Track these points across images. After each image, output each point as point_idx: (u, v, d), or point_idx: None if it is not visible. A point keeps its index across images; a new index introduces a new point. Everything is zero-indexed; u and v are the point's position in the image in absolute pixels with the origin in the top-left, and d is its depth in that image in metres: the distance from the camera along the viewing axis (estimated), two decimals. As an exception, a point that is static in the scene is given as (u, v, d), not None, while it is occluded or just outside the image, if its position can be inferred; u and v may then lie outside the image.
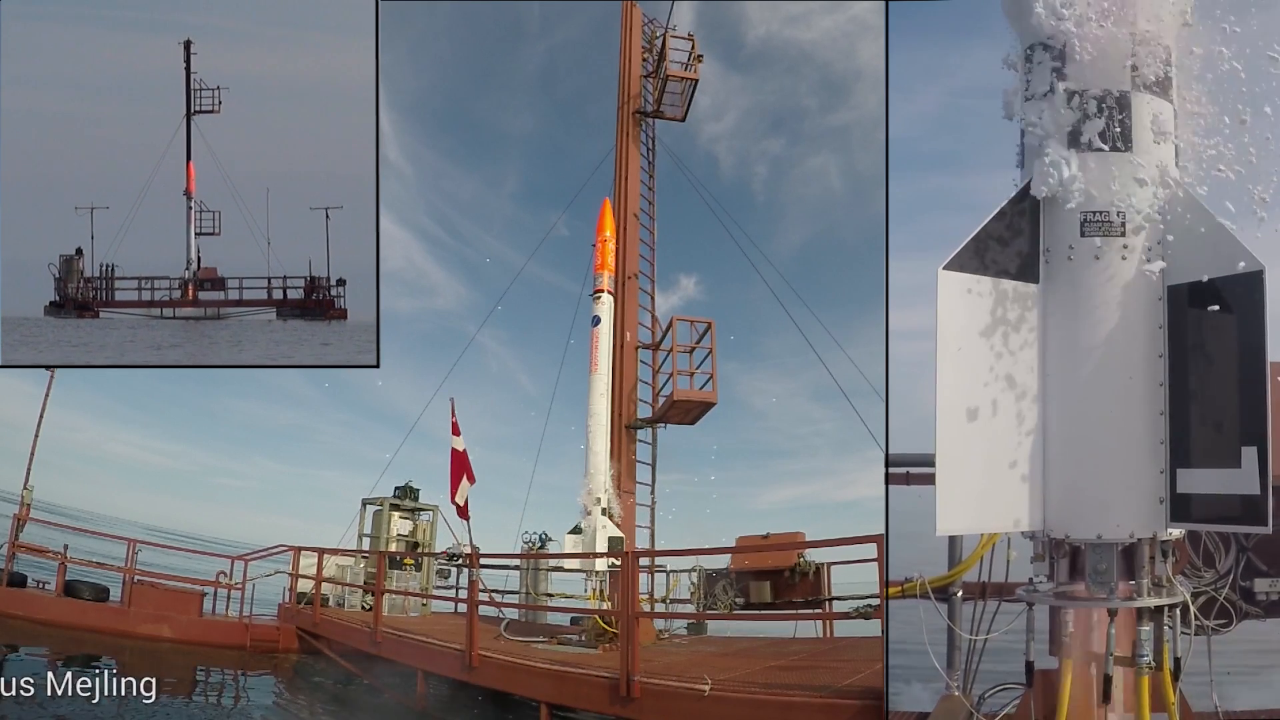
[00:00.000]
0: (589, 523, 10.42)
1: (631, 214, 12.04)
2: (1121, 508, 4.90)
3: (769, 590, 11.24)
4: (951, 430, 4.81)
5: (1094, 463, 4.93)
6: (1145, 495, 4.89)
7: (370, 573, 12.78)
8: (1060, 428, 5.00)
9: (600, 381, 10.86)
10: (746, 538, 11.13)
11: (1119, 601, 4.98)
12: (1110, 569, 4.92)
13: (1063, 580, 5.14)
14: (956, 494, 4.81)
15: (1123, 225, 4.97)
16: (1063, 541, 5.04)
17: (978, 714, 6.15)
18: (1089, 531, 4.94)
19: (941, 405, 4.79)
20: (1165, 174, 4.99)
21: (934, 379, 4.81)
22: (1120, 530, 4.90)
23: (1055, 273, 5.07)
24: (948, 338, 4.82)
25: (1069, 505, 4.99)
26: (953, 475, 4.80)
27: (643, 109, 12.58)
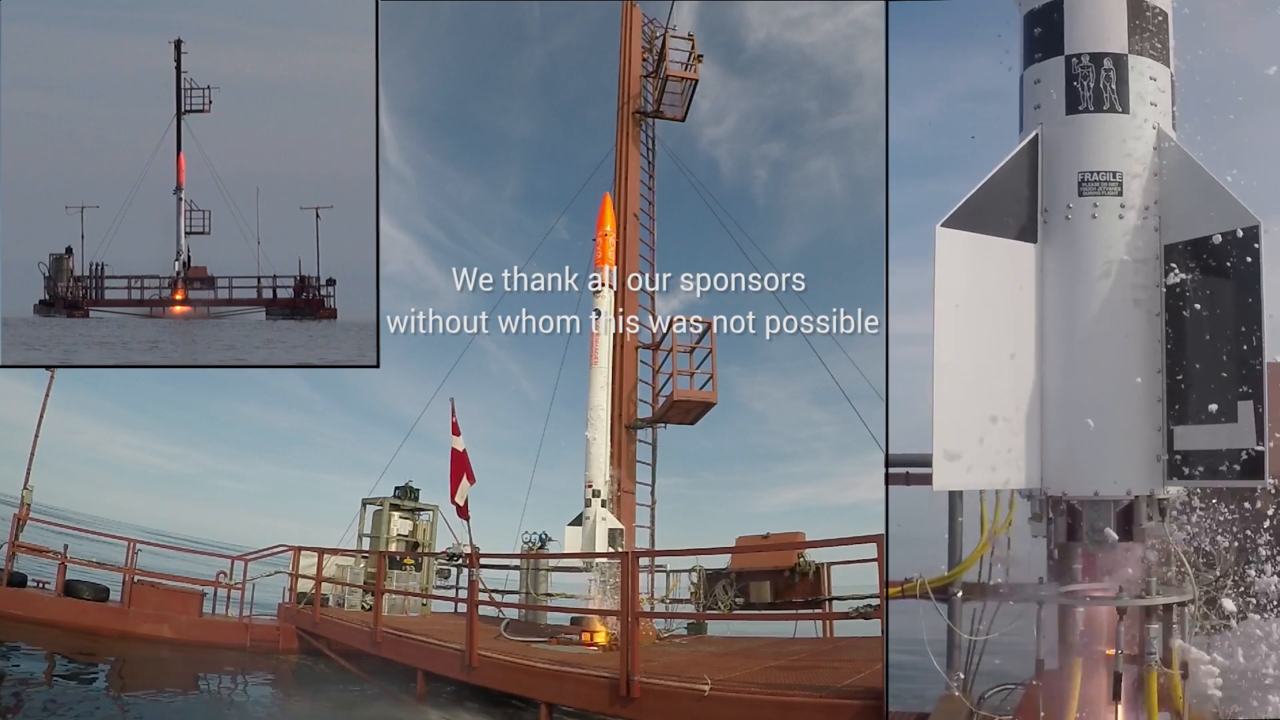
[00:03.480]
0: (589, 514, 10.44)
1: (631, 214, 12.05)
2: (1119, 465, 4.94)
3: (769, 590, 11.25)
4: (949, 386, 4.85)
5: (1092, 424, 4.96)
6: (1142, 453, 4.93)
7: (370, 573, 12.78)
8: (1058, 386, 5.04)
9: (600, 375, 10.87)
10: (746, 538, 11.14)
11: (1129, 600, 5.00)
12: (1108, 524, 4.93)
13: (1060, 539, 5.15)
14: (954, 450, 4.83)
15: (1119, 185, 5.00)
16: (1060, 500, 5.04)
17: (978, 714, 6.16)
18: (1086, 489, 4.98)
19: (939, 361, 4.83)
20: (1162, 135, 5.01)
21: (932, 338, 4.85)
22: (1117, 487, 4.94)
23: (1053, 232, 5.11)
24: (945, 294, 4.85)
25: (1066, 463, 5.03)
26: (950, 431, 4.84)
27: (643, 109, 12.59)
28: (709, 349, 10.80)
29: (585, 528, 10.44)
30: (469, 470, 10.75)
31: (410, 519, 14.09)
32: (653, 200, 12.50)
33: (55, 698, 10.42)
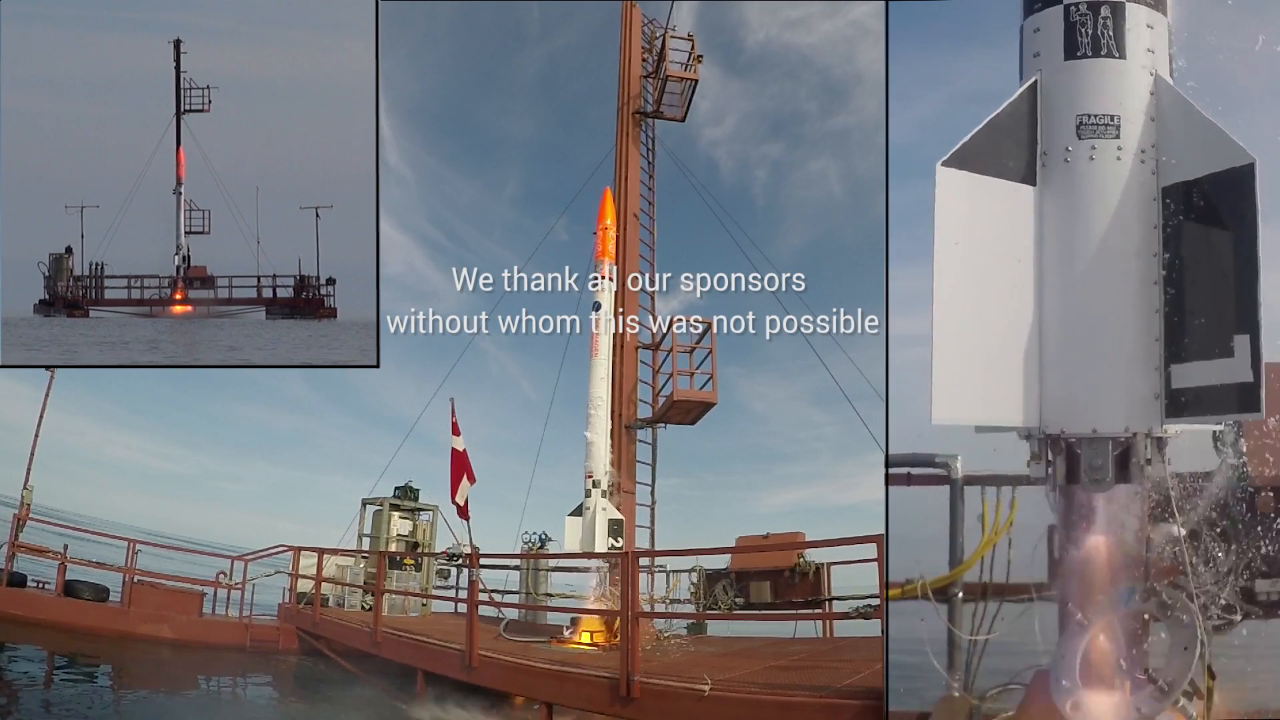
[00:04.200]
0: (589, 505, 10.47)
1: (631, 214, 12.05)
2: (1116, 403, 4.98)
3: (769, 590, 11.26)
4: (948, 321, 4.92)
5: (1089, 359, 5.02)
6: (1140, 391, 4.97)
7: (370, 573, 12.78)
8: (1056, 326, 5.09)
9: (600, 367, 10.86)
10: (746, 538, 11.15)
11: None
12: (1105, 465, 4.97)
13: (1059, 482, 5.18)
14: (952, 384, 4.92)
15: (1117, 128, 5.07)
16: (1058, 438, 5.08)
17: (978, 714, 6.17)
18: (1084, 426, 5.01)
19: (938, 296, 4.89)
20: (1159, 80, 5.06)
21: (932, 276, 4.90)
22: (1115, 424, 4.96)
23: (1051, 175, 5.17)
24: (945, 232, 4.92)
25: (1064, 401, 5.06)
26: (949, 366, 4.90)
27: (643, 109, 12.59)
28: (709, 349, 10.80)
29: (585, 518, 10.47)
30: (469, 470, 10.76)
31: (410, 519, 14.09)
32: (653, 200, 12.51)
33: (54, 698, 10.43)
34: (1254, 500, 6.74)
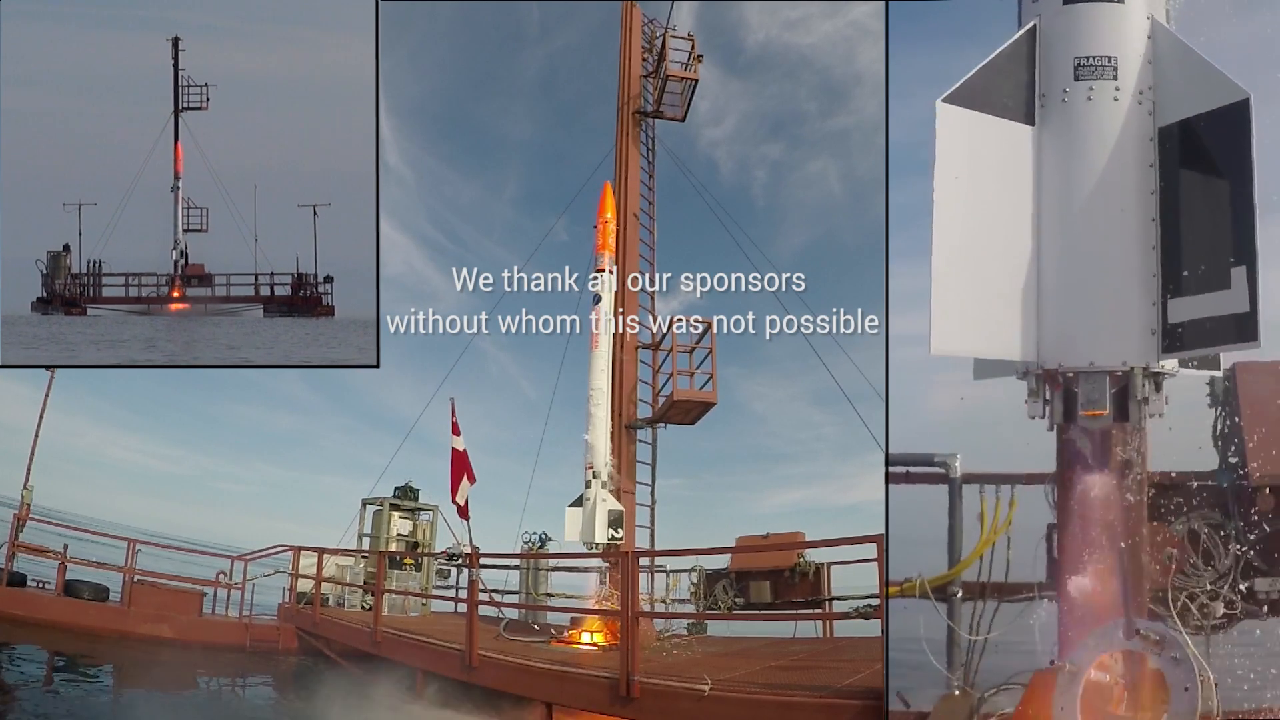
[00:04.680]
0: (589, 495, 10.48)
1: (631, 214, 12.05)
2: (1114, 337, 5.03)
3: (769, 590, 11.26)
4: (947, 252, 4.99)
5: (1087, 294, 5.08)
6: (1138, 326, 5.03)
7: (370, 573, 12.78)
8: (1054, 262, 5.16)
9: (600, 358, 10.86)
10: (746, 538, 11.15)
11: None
12: (1103, 399, 4.99)
13: (1057, 420, 5.19)
14: (951, 316, 4.97)
15: (1114, 69, 5.12)
16: (1056, 373, 5.09)
17: (978, 714, 6.17)
18: (1081, 359, 5.08)
19: (938, 228, 4.96)
20: (1155, 23, 5.12)
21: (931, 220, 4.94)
22: (1112, 358, 5.00)
23: (1050, 115, 5.25)
24: (945, 166, 4.98)
25: (1062, 335, 5.13)
26: (948, 297, 4.97)
27: (643, 109, 12.59)
28: (709, 349, 10.80)
29: (585, 509, 10.48)
30: (469, 470, 10.76)
31: (410, 519, 14.09)
32: (653, 200, 12.51)
33: (54, 698, 10.43)
34: (1254, 500, 6.76)
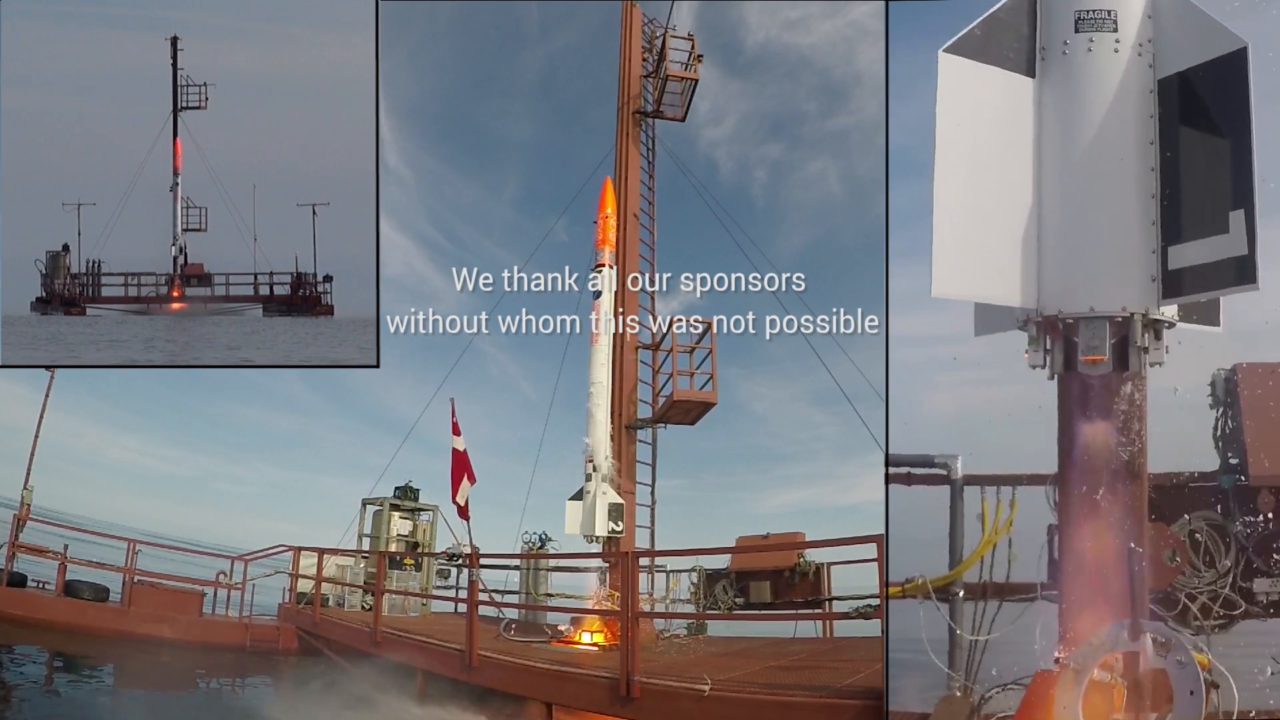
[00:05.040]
0: (589, 489, 10.50)
1: (631, 214, 12.05)
2: (1114, 282, 5.10)
3: (769, 590, 11.26)
4: (948, 198, 5.04)
5: (1087, 242, 5.15)
6: (1137, 273, 5.09)
7: (370, 573, 12.78)
8: (1054, 210, 5.22)
9: (601, 352, 10.86)
10: (746, 538, 11.15)
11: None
12: (1103, 345, 5.04)
13: (1058, 369, 5.23)
14: (952, 260, 5.05)
15: (1114, 22, 5.19)
16: (1056, 319, 5.15)
17: (978, 714, 6.17)
18: (1081, 305, 5.12)
19: (939, 173, 5.06)
20: None
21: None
22: (1112, 303, 5.06)
23: (1050, 68, 5.32)
24: (946, 114, 5.07)
25: (1062, 282, 5.18)
26: (949, 242, 5.03)
27: (643, 109, 12.59)
28: (709, 349, 10.80)
29: (585, 502, 10.49)
30: (469, 470, 10.76)
31: (410, 519, 14.09)
32: (653, 200, 12.51)
33: (54, 698, 10.43)
34: (1254, 500, 6.76)
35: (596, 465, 10.58)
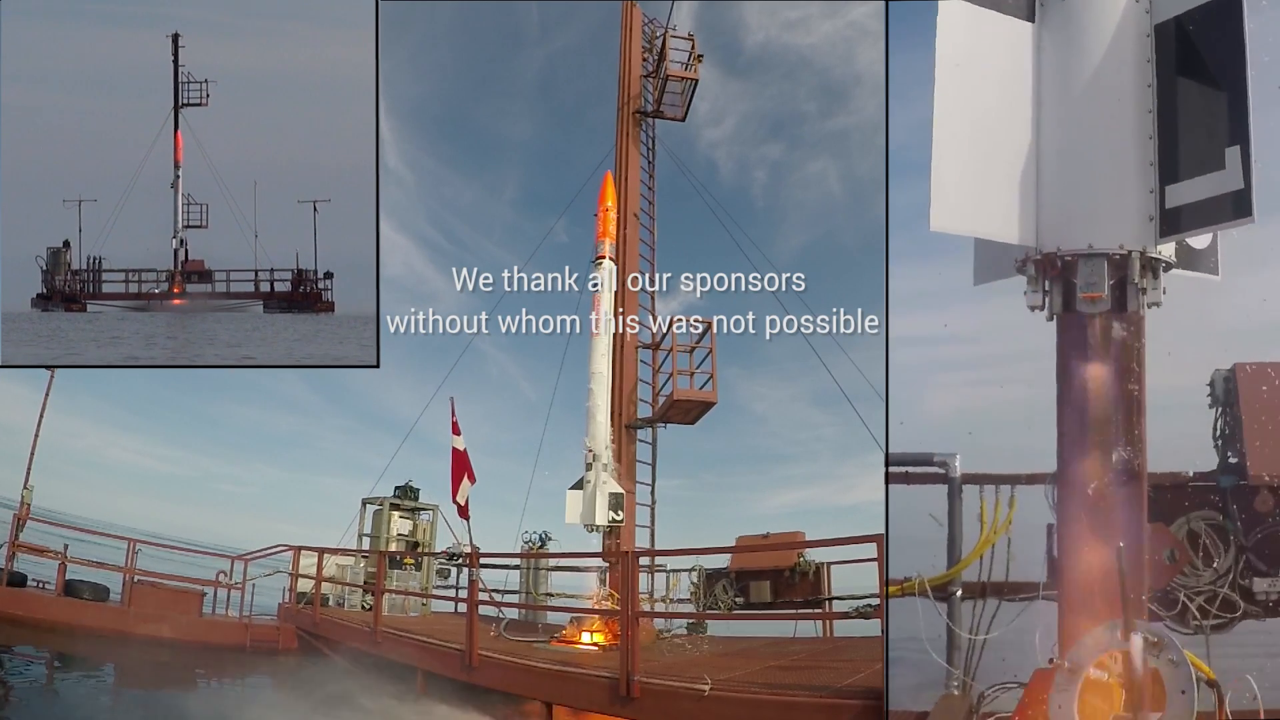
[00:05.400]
0: (589, 478, 10.50)
1: (631, 214, 12.05)
2: (1112, 221, 5.16)
3: (769, 590, 11.26)
4: (948, 133, 5.10)
5: (1085, 180, 5.22)
6: (1135, 212, 5.15)
7: (370, 573, 12.79)
8: (1053, 151, 5.30)
9: (601, 344, 10.86)
10: (746, 538, 11.15)
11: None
12: (1101, 282, 5.09)
13: (1057, 310, 5.25)
14: (951, 193, 5.11)
15: None
16: (1054, 257, 5.21)
17: (977, 714, 6.17)
18: (1080, 241, 5.17)
19: (939, 109, 5.10)
20: None
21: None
22: (1110, 240, 5.12)
23: (1050, 13, 5.39)
24: (946, 56, 5.13)
25: (1061, 219, 5.25)
26: (948, 177, 5.10)
27: (643, 109, 12.59)
28: (709, 349, 10.80)
29: (586, 491, 10.50)
30: (470, 470, 10.75)
31: (410, 519, 14.10)
32: (653, 200, 12.51)
33: (54, 698, 10.43)
34: (1253, 500, 6.76)
35: (597, 454, 10.59)
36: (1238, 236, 5.28)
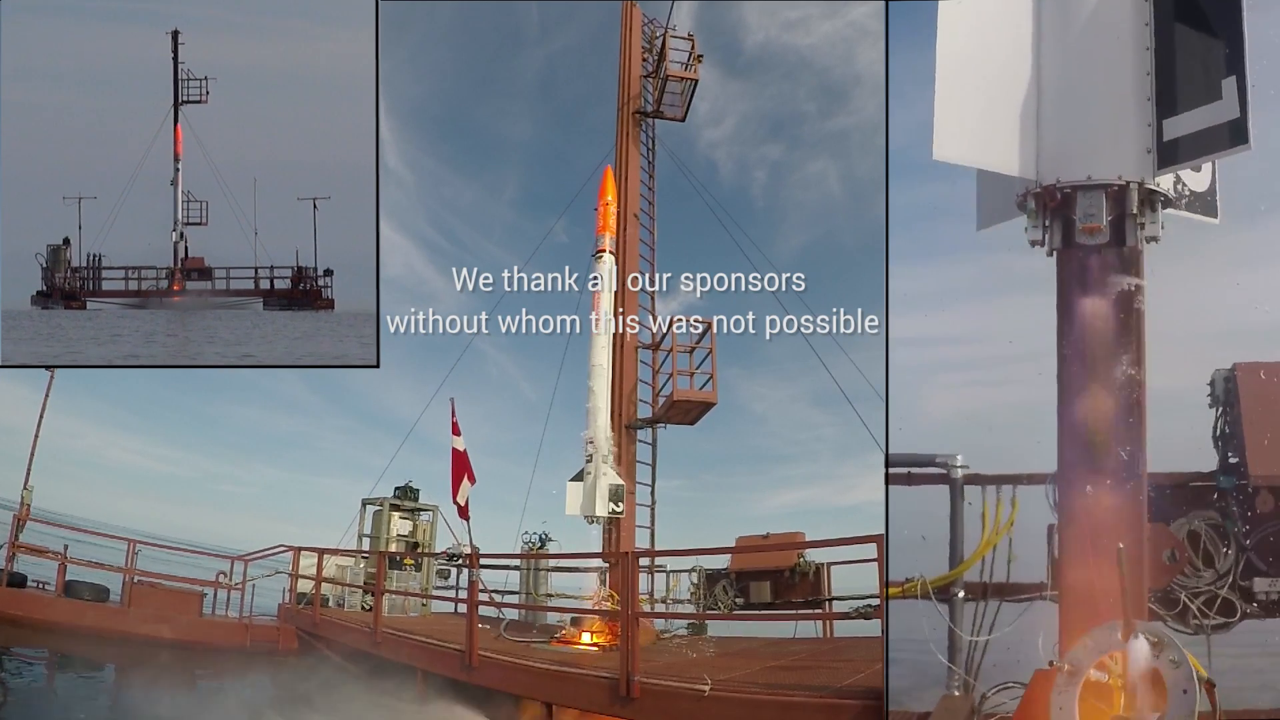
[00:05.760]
0: (590, 469, 10.49)
1: (631, 214, 12.04)
2: (1110, 153, 5.25)
3: (769, 590, 11.26)
4: (950, 63, 5.20)
5: (1084, 113, 5.32)
6: (1133, 144, 5.24)
7: (370, 573, 12.78)
8: (1053, 86, 5.39)
9: (602, 337, 10.86)
10: (746, 538, 11.15)
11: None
12: (1100, 213, 5.14)
13: (1056, 245, 5.27)
14: (953, 123, 5.20)
15: None
16: (1054, 189, 5.28)
17: (978, 714, 6.17)
18: (1079, 173, 5.26)
19: (941, 40, 5.20)
20: None
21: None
22: (1109, 171, 5.20)
23: None
24: None
25: (1060, 152, 5.33)
26: (951, 103, 5.18)
27: (643, 109, 12.59)
28: (709, 349, 10.80)
29: (586, 483, 10.49)
30: (470, 470, 10.75)
31: (410, 519, 14.09)
32: (653, 200, 12.51)
33: (54, 698, 10.43)
34: (1254, 500, 6.76)
35: (597, 446, 10.58)
36: (1238, 237, 5.29)
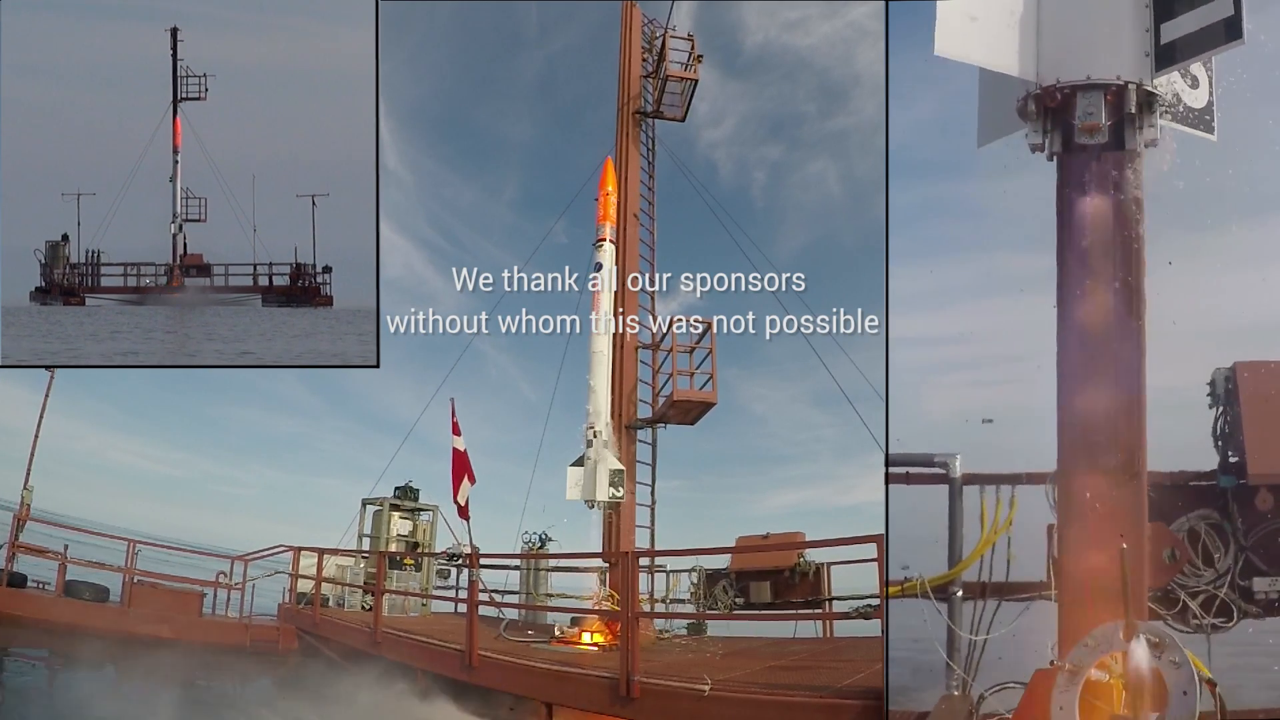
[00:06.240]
0: (590, 455, 10.49)
1: (631, 214, 12.05)
2: (1109, 52, 5.32)
3: (769, 590, 11.26)
4: None
5: (1084, 15, 5.38)
6: (1132, 47, 5.31)
7: (370, 573, 12.78)
8: None
9: (601, 323, 10.86)
10: (746, 538, 11.15)
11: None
12: (1099, 113, 5.18)
13: (1056, 149, 5.38)
14: (954, 21, 5.27)
15: None
16: (1054, 90, 5.33)
17: (978, 714, 6.17)
18: (1079, 73, 5.30)
19: None
20: None
21: None
22: (1108, 71, 5.26)
23: None
24: None
25: (1060, 53, 5.39)
26: (953, 3, 5.28)
27: (642, 109, 12.59)
28: (709, 349, 10.80)
29: (586, 468, 10.51)
30: (470, 470, 10.75)
31: (410, 519, 14.09)
32: (653, 200, 12.51)
33: (54, 698, 10.43)
34: (1253, 499, 6.77)
35: (597, 431, 10.59)
36: (1238, 236, 5.29)
